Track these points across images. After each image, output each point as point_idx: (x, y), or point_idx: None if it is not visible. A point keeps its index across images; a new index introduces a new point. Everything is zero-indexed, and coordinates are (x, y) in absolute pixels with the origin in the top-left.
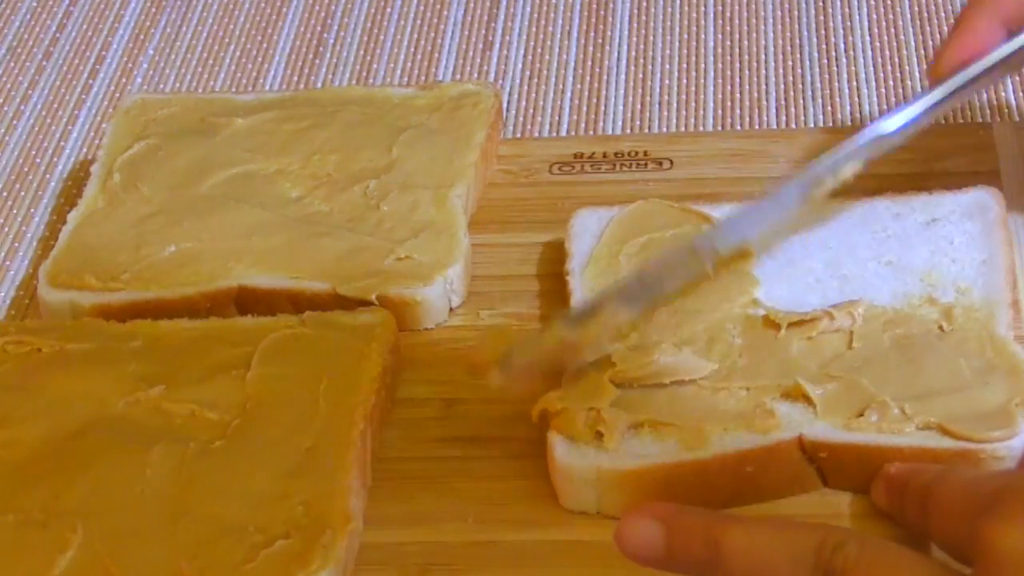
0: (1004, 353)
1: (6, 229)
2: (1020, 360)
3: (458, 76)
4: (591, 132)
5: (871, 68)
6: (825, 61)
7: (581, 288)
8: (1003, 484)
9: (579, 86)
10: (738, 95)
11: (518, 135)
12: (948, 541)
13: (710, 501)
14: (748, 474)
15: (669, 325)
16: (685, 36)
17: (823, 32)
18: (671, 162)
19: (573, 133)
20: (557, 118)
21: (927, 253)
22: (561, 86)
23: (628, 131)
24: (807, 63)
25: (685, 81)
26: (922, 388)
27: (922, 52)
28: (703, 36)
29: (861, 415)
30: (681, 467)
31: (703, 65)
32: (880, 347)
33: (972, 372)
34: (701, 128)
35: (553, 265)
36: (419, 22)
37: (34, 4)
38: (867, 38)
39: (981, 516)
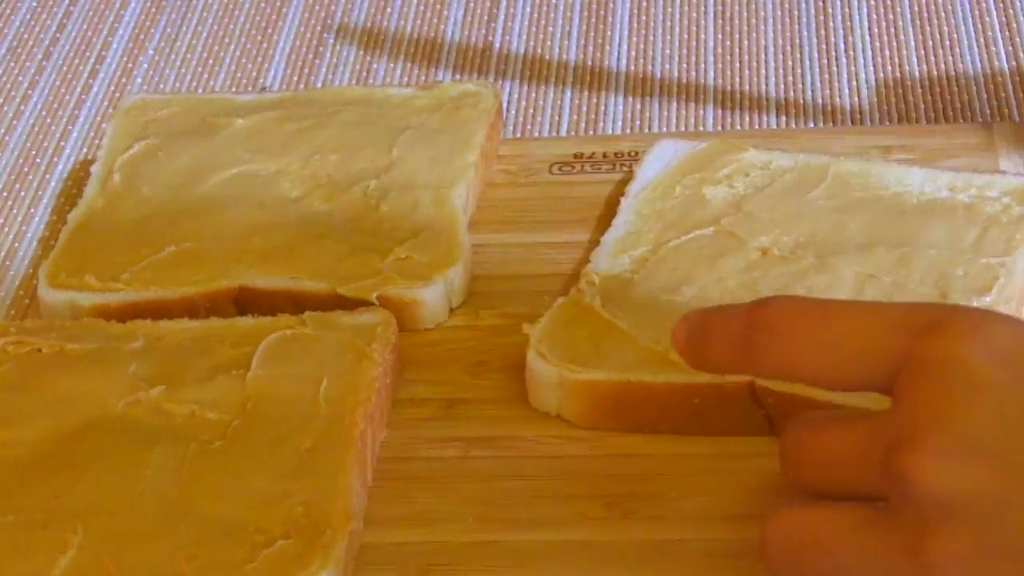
0: None
1: (6, 229)
2: None
3: (458, 76)
4: (591, 132)
5: (871, 68)
6: (825, 61)
7: (627, 211)
8: (903, 420)
9: (579, 86)
10: (738, 95)
11: (518, 135)
12: (852, 487)
13: (656, 423)
14: (695, 406)
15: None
16: (685, 36)
17: (823, 32)
18: None
19: (573, 133)
20: (557, 118)
21: (962, 228)
22: (561, 86)
23: (628, 131)
24: (807, 63)
25: (685, 81)
26: None
27: (922, 52)
28: (703, 36)
29: None
30: (632, 386)
31: (703, 65)
32: None
33: None
34: (701, 128)
35: (554, 265)
36: (419, 22)
37: (34, 4)
38: (867, 38)
39: (891, 451)
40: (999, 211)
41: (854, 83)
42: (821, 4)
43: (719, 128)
